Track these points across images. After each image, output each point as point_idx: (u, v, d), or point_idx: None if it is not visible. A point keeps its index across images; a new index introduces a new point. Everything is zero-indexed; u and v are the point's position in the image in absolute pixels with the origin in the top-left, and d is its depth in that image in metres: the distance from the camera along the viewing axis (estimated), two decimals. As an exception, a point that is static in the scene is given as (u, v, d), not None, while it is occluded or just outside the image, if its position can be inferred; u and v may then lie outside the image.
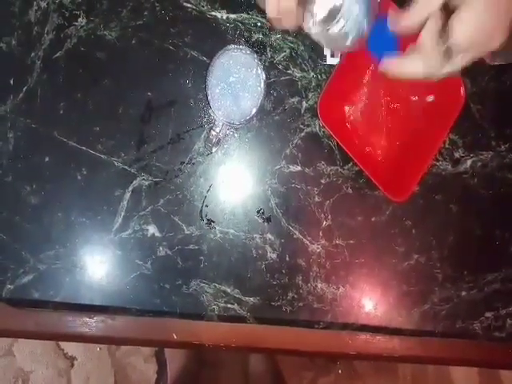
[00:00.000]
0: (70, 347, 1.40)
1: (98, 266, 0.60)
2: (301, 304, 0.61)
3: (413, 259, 0.62)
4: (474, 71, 0.62)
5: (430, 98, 0.61)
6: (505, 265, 0.62)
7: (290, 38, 0.61)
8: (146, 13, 0.61)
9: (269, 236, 0.61)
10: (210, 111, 0.59)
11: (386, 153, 0.62)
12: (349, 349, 0.63)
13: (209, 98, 0.57)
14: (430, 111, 0.60)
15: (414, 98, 0.62)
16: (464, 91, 0.57)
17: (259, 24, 0.61)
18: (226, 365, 1.34)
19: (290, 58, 0.62)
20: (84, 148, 0.61)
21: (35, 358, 1.39)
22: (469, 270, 0.62)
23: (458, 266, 0.62)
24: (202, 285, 0.60)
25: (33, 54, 0.60)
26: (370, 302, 0.62)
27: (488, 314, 0.62)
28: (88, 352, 1.40)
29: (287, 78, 0.62)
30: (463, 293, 0.62)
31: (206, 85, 0.56)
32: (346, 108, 0.62)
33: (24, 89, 0.60)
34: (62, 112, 0.61)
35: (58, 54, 0.61)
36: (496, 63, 0.62)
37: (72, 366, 1.40)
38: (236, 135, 0.61)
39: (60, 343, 1.39)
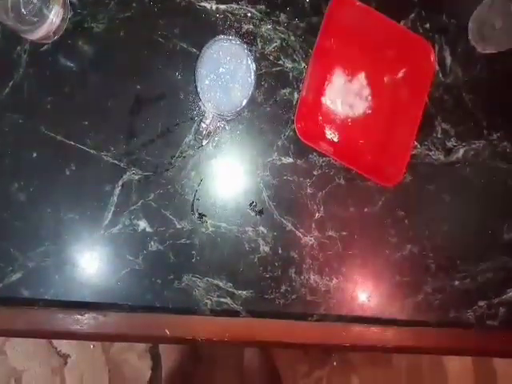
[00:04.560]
0: (63, 345, 1.39)
1: (88, 262, 0.59)
2: (294, 296, 0.61)
3: (406, 249, 0.62)
4: (466, 60, 0.62)
5: (401, 73, 0.60)
6: (497, 253, 0.62)
7: (280, 29, 0.61)
8: (134, 4, 0.60)
9: (261, 229, 0.61)
10: (200, 103, 0.59)
11: (369, 140, 0.61)
12: (343, 340, 0.63)
13: (198, 89, 0.56)
14: (404, 86, 0.60)
15: (387, 78, 0.61)
16: (434, 56, 0.57)
17: (249, 14, 0.60)
18: (220, 360, 1.34)
19: (281, 48, 0.61)
20: (72, 143, 0.60)
21: (28, 357, 1.38)
22: (462, 259, 0.62)
23: (451, 255, 0.62)
24: (195, 279, 0.60)
25: (19, 48, 0.59)
26: (363, 293, 0.62)
27: (481, 303, 0.62)
28: (81, 349, 1.39)
29: (278, 69, 0.61)
30: (456, 282, 0.62)
31: (196, 76, 0.56)
32: (324, 111, 0.62)
33: (10, 83, 0.59)
34: (49, 106, 0.60)
35: (44, 48, 0.59)
36: (487, 51, 0.61)
37: (65, 363, 1.39)
38: (227, 128, 0.61)
39: (53, 341, 1.38)
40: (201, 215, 0.60)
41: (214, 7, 0.60)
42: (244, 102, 0.56)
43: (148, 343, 1.34)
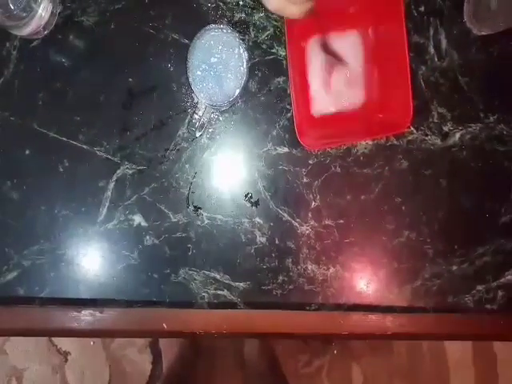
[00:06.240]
0: (63, 343, 1.39)
1: (83, 258, 0.59)
2: (291, 287, 0.61)
3: (403, 236, 0.61)
4: (462, 43, 0.61)
5: (371, 20, 0.60)
6: (495, 237, 0.62)
7: (273, 16, 0.60)
8: (123, -4, 0.59)
9: (257, 220, 0.60)
10: (193, 95, 0.58)
11: (371, 98, 0.61)
12: (341, 329, 0.62)
13: (190, 80, 0.55)
14: (379, 29, 0.59)
15: (358, 31, 0.61)
16: None
17: (241, 3, 0.60)
18: (221, 353, 1.35)
19: (274, 36, 0.60)
20: (65, 139, 0.59)
21: (28, 355, 1.38)
22: (459, 244, 0.62)
23: (448, 240, 0.62)
24: (191, 272, 0.60)
25: (8, 45, 0.58)
26: (361, 281, 0.61)
27: (479, 287, 0.62)
28: (82, 347, 1.39)
29: (272, 57, 0.60)
30: (454, 267, 0.62)
31: (187, 67, 0.55)
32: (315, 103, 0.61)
33: (0, 81, 0.58)
34: (40, 103, 0.59)
35: (34, 43, 0.59)
36: (483, 33, 0.61)
37: (66, 361, 1.39)
38: (221, 118, 0.60)
39: (53, 339, 1.38)
40: (196, 208, 0.60)
41: (204, -4, 0.59)
42: (237, 92, 0.55)
43: (146, 338, 1.34)
